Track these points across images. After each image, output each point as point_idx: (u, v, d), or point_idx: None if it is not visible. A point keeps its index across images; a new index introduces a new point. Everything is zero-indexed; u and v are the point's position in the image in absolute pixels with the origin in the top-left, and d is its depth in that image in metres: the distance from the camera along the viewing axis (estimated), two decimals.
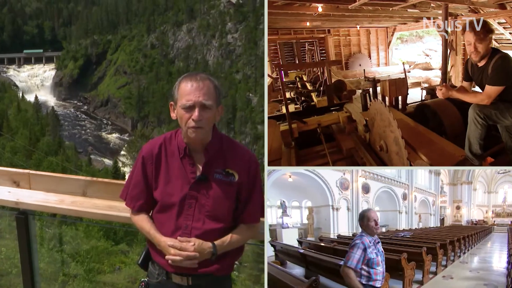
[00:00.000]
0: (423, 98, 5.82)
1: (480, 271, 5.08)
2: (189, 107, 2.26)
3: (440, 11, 5.72)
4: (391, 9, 6.82)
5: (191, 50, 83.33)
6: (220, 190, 2.35)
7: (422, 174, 9.66)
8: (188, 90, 2.28)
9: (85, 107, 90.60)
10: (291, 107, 7.20)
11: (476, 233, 7.81)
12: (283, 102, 5.83)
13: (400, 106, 5.61)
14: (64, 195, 3.29)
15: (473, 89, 3.54)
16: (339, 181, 7.36)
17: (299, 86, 8.53)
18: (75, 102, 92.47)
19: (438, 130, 4.61)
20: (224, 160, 2.38)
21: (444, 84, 4.04)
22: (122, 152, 68.23)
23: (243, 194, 2.40)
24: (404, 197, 9.23)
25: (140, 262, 2.54)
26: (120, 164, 57.31)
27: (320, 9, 6.49)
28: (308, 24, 8.33)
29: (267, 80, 7.60)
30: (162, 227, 2.38)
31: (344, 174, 7.18)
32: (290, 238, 6.94)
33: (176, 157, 2.37)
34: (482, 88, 3.29)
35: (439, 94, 3.53)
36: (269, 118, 6.18)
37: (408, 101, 5.70)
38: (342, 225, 7.47)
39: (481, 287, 4.18)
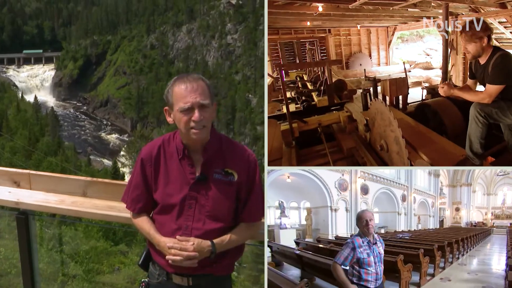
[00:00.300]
0: (423, 98, 5.81)
1: (479, 273, 5.06)
2: (188, 109, 2.26)
3: (440, 10, 5.72)
4: (391, 8, 6.82)
5: (190, 50, 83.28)
6: (220, 190, 2.35)
7: (421, 176, 9.65)
8: (183, 93, 2.27)
9: (85, 107, 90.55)
10: (292, 107, 7.20)
11: (475, 234, 7.80)
12: (284, 102, 5.82)
13: (400, 106, 5.60)
14: (64, 195, 3.28)
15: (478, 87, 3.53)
16: (337, 182, 7.33)
17: (300, 85, 8.53)
18: (75, 102, 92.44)
19: (438, 130, 4.60)
20: (223, 160, 2.38)
21: (446, 82, 4.03)
22: (122, 153, 68.26)
23: (243, 193, 2.40)
24: (403, 198, 9.21)
25: (140, 263, 2.54)
26: (119, 165, 57.35)
27: (320, 9, 6.49)
28: (308, 23, 8.34)
29: (267, 80, 7.60)
30: (162, 228, 2.38)
31: (343, 175, 7.15)
32: (287, 239, 6.90)
33: (175, 159, 2.38)
34: (485, 86, 3.28)
35: (441, 91, 3.52)
36: (269, 117, 6.17)
37: (409, 100, 5.69)
38: (341, 226, 7.43)
39: None
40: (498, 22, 5.61)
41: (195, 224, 2.34)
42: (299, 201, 8.16)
